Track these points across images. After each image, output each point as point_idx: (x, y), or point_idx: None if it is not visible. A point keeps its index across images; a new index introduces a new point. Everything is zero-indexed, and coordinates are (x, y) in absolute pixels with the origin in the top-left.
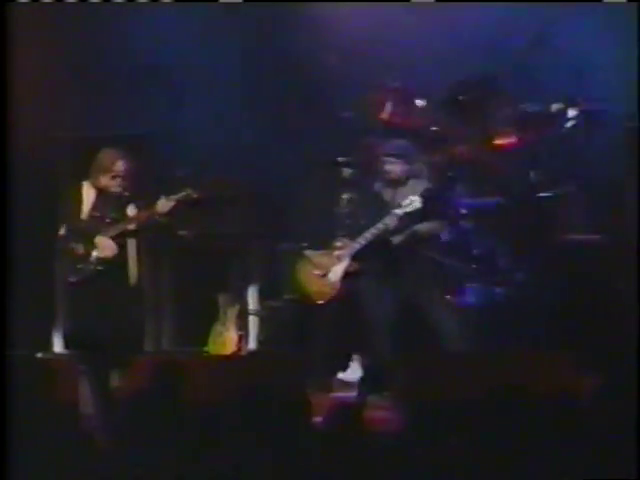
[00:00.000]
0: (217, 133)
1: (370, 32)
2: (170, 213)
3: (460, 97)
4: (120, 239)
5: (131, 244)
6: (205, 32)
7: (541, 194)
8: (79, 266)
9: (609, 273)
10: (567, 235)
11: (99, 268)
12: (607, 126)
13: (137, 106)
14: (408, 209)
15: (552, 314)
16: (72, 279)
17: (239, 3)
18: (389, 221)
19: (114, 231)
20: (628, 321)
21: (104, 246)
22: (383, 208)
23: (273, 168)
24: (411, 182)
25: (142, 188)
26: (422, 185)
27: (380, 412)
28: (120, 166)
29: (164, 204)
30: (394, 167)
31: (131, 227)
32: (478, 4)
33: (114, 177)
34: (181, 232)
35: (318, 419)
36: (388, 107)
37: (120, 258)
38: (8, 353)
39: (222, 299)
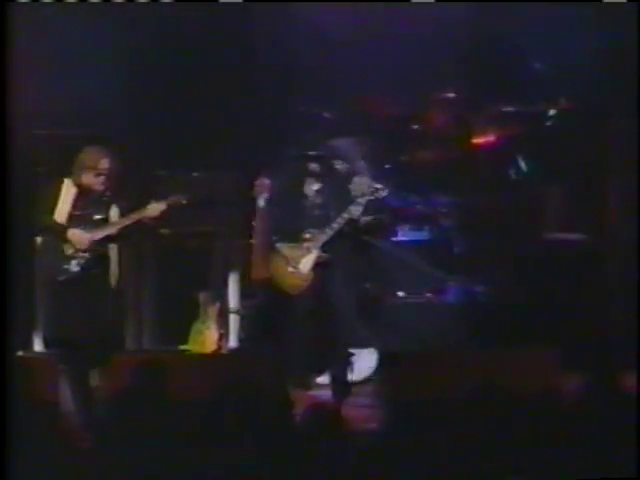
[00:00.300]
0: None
1: (356, 31)
2: (159, 217)
3: (442, 95)
4: (103, 242)
5: (113, 248)
6: (189, 31)
7: (522, 193)
8: (65, 266)
9: (592, 271)
10: (549, 233)
11: (81, 268)
12: (589, 124)
13: (124, 105)
14: (373, 197)
15: (535, 312)
16: (60, 278)
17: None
18: (354, 210)
19: (98, 234)
20: (612, 318)
21: (77, 240)
22: (349, 199)
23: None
24: (356, 179)
25: (124, 188)
26: (365, 183)
27: (358, 410)
28: (105, 164)
29: (154, 208)
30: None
31: (114, 232)
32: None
33: (98, 175)
34: (162, 230)
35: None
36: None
37: (102, 259)
38: None
39: (202, 297)
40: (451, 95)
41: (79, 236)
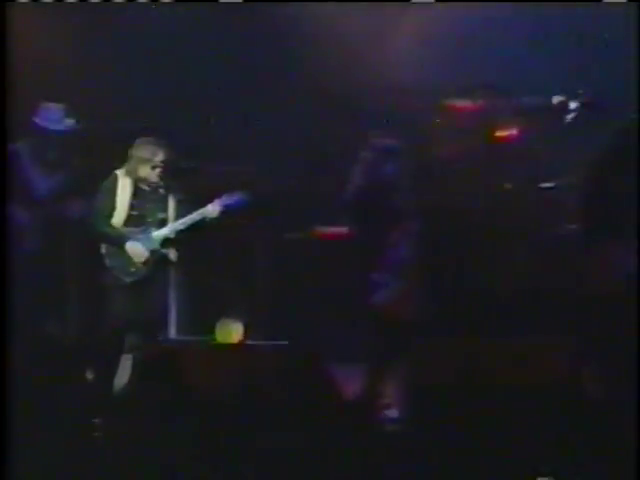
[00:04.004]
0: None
1: (371, 31)
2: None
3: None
4: (164, 245)
5: (172, 250)
6: (200, 30)
7: (542, 185)
8: (132, 269)
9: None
10: (568, 226)
11: (144, 271)
12: (608, 118)
13: (137, 101)
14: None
15: (553, 303)
16: (127, 280)
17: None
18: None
19: (156, 242)
20: (626, 311)
21: (135, 255)
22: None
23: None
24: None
25: (180, 180)
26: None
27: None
28: (160, 156)
29: (213, 208)
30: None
31: (172, 235)
32: (478, 4)
33: (154, 168)
34: None
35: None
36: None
37: (162, 261)
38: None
39: (228, 288)
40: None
41: (137, 250)
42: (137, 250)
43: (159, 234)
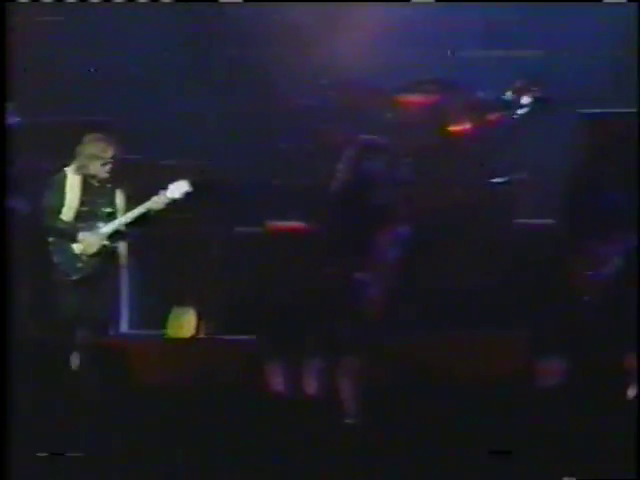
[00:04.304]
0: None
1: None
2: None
3: (415, 84)
4: (113, 238)
5: (122, 243)
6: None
7: (494, 180)
8: (78, 264)
9: (560, 256)
10: (519, 219)
11: (92, 266)
12: (560, 113)
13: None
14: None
15: (504, 297)
16: (73, 277)
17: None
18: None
19: (108, 229)
20: (578, 304)
21: (87, 243)
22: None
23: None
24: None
25: (128, 175)
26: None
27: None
28: (110, 152)
29: (159, 200)
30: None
31: (123, 227)
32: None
33: (104, 164)
34: None
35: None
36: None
37: (112, 254)
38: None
39: (180, 282)
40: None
41: (89, 240)
42: (90, 240)
43: (107, 228)
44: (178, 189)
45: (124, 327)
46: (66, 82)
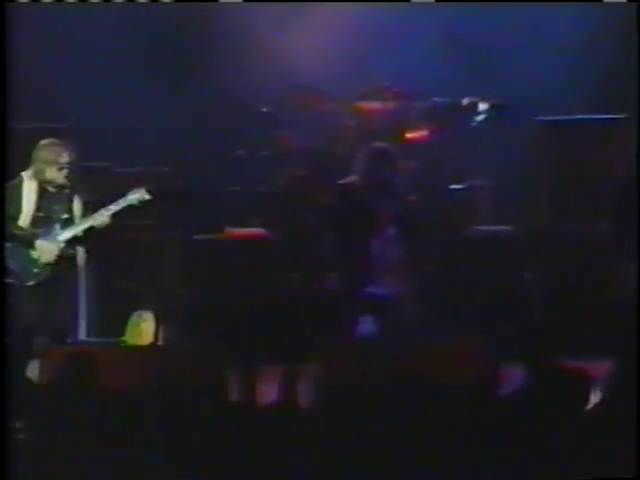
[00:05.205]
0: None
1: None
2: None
3: (372, 91)
4: (70, 244)
5: (79, 249)
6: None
7: (452, 186)
8: (34, 270)
9: (519, 262)
10: (477, 226)
11: (49, 272)
12: (517, 119)
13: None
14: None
15: (464, 304)
16: (29, 282)
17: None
18: (99, 216)
19: (65, 236)
20: (537, 310)
21: (44, 250)
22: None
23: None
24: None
25: (85, 181)
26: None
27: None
28: (65, 157)
29: (103, 215)
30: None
31: (80, 233)
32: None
33: (60, 169)
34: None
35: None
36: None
37: (69, 261)
38: None
39: (140, 289)
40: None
41: (46, 248)
42: (47, 247)
43: (64, 235)
44: (135, 196)
45: (82, 335)
46: (24, 87)
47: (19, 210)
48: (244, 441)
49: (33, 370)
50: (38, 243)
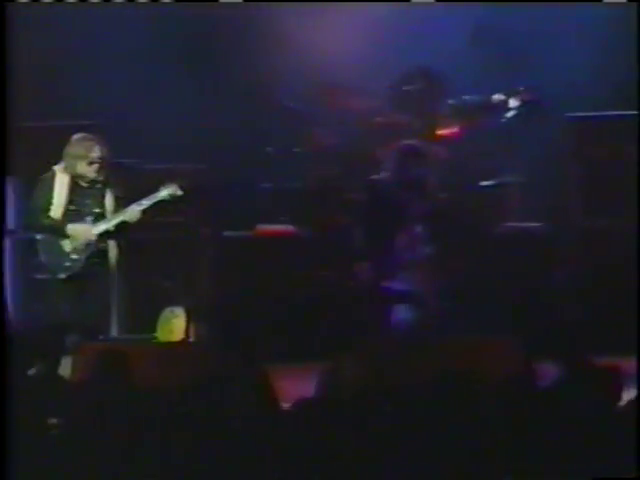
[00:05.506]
0: (169, 123)
1: (317, 29)
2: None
3: (404, 88)
4: (102, 238)
5: (112, 243)
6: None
7: (482, 183)
8: (66, 263)
9: (550, 259)
10: (507, 223)
11: (80, 266)
12: (548, 116)
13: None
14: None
15: (496, 301)
16: (61, 275)
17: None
18: (131, 211)
19: (98, 228)
20: (569, 306)
21: (79, 231)
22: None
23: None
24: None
25: (117, 176)
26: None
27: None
28: (96, 152)
29: (134, 211)
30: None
31: (112, 227)
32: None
33: (91, 164)
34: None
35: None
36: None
37: (101, 254)
38: None
39: (171, 286)
40: (413, 87)
41: (80, 229)
42: (79, 229)
43: (96, 229)
44: (167, 191)
45: (114, 331)
46: (56, 84)
47: (50, 202)
48: (278, 438)
49: (65, 367)
50: (70, 227)
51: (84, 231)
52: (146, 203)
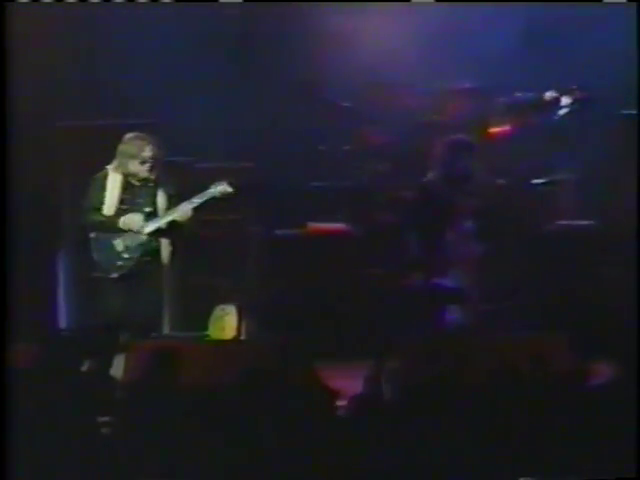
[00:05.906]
0: (220, 123)
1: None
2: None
3: (457, 86)
4: (154, 235)
5: (164, 240)
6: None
7: (534, 181)
8: (118, 263)
9: (603, 258)
10: (559, 221)
11: (132, 264)
12: (601, 113)
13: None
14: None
15: (547, 299)
16: (113, 275)
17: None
18: (183, 209)
19: (149, 228)
20: (622, 305)
21: (134, 220)
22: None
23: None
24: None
25: (169, 174)
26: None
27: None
28: (148, 151)
29: (186, 209)
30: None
31: (164, 226)
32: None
33: (143, 163)
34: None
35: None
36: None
37: (153, 252)
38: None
39: (223, 283)
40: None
41: (133, 219)
42: (133, 219)
43: (148, 227)
44: (218, 189)
45: (166, 329)
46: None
47: (102, 202)
48: (327, 436)
49: (117, 365)
50: (122, 218)
51: (136, 222)
52: (197, 201)
